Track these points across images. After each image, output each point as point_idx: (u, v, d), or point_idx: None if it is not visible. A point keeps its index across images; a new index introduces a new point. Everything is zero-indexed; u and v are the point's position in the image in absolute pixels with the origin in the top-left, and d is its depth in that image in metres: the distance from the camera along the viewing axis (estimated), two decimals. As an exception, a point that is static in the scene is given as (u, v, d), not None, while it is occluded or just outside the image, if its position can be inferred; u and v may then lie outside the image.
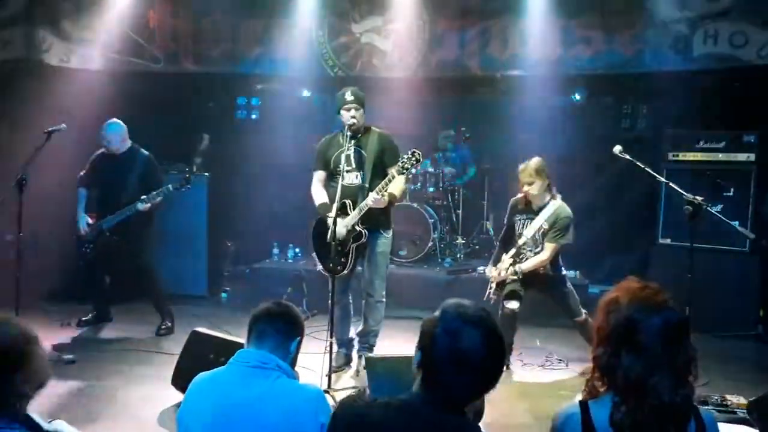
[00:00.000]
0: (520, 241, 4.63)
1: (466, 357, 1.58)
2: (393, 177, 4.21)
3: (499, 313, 4.68)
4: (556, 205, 4.55)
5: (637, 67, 6.10)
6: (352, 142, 4.40)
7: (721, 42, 5.80)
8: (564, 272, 4.76)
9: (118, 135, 5.34)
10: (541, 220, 4.54)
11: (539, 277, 4.63)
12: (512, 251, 4.67)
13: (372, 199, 4.21)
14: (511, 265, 4.61)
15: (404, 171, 4.18)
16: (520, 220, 4.68)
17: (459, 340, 1.58)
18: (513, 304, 4.58)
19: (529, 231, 4.57)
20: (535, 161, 4.54)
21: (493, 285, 4.67)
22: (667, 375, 1.63)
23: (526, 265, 4.55)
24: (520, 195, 4.70)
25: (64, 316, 5.71)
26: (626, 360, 1.65)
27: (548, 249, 4.52)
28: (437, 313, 1.66)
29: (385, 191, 4.23)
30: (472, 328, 1.60)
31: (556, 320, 5.45)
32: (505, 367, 4.70)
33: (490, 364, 1.62)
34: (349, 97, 4.38)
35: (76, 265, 5.65)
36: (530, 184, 4.52)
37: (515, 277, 4.56)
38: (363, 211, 4.29)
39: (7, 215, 4.73)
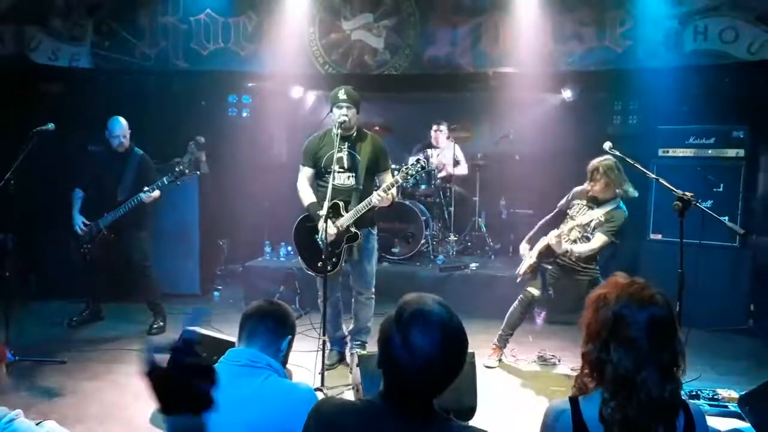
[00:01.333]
0: (572, 223, 4.58)
1: (419, 349, 1.53)
2: (397, 182, 4.26)
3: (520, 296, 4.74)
4: (617, 204, 4.53)
5: (628, 63, 6.11)
6: (346, 144, 4.40)
7: (712, 38, 5.82)
8: (598, 270, 4.72)
9: (125, 130, 5.35)
10: (601, 212, 4.51)
11: (574, 269, 4.64)
12: (560, 229, 4.60)
13: (377, 198, 4.23)
14: (562, 241, 4.55)
15: (408, 177, 4.25)
16: (578, 204, 4.64)
17: (412, 334, 1.55)
18: (534, 290, 4.66)
19: (584, 218, 4.55)
20: (605, 163, 4.47)
21: (527, 264, 4.66)
22: (655, 370, 1.64)
23: (579, 249, 4.49)
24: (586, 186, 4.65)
25: (54, 316, 5.68)
26: (615, 356, 1.66)
27: (599, 240, 4.47)
28: (395, 309, 1.64)
29: (392, 192, 4.29)
30: (425, 320, 1.56)
31: (548, 316, 5.47)
32: (497, 361, 4.75)
33: (446, 356, 1.56)
34: (342, 95, 4.35)
35: (69, 264, 5.62)
36: (596, 180, 4.49)
37: (564, 254, 4.55)
38: (360, 213, 4.30)
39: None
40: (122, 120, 5.36)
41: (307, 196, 4.49)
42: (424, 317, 1.57)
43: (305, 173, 4.55)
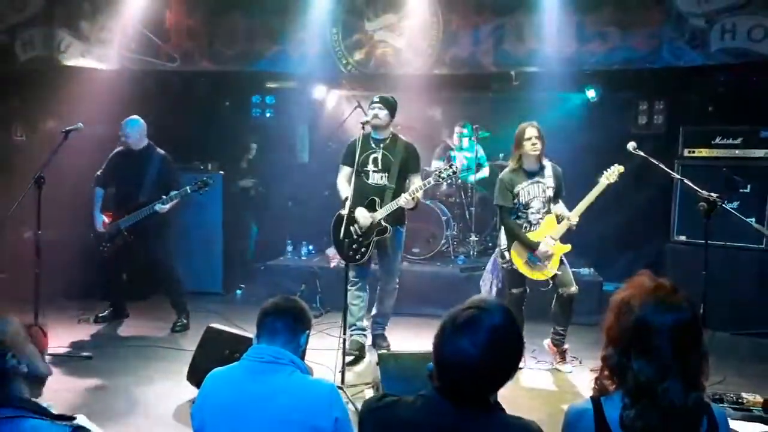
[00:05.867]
0: (536, 206, 4.63)
1: (465, 351, 1.57)
2: (429, 183, 4.70)
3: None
4: (551, 164, 4.70)
5: (653, 62, 6.03)
6: (381, 146, 4.79)
7: (739, 36, 5.72)
8: None
9: (136, 131, 5.42)
10: (549, 175, 4.64)
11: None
12: (539, 219, 4.66)
13: (405, 200, 4.60)
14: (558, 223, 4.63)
15: (441, 179, 4.67)
16: (524, 187, 4.63)
17: (462, 335, 1.58)
18: (515, 290, 4.71)
19: (541, 192, 4.63)
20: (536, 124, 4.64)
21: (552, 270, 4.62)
22: (679, 378, 1.60)
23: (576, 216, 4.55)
24: (510, 167, 4.72)
25: (81, 313, 5.80)
26: (636, 364, 1.63)
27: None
28: (454, 307, 1.67)
29: (417, 195, 4.63)
30: (477, 324, 1.58)
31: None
32: (523, 361, 4.73)
33: (492, 360, 1.59)
34: (375, 97, 4.81)
35: (94, 263, 5.73)
36: (540, 139, 4.57)
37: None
38: (392, 210, 4.63)
39: (25, 213, 4.82)
40: (135, 119, 5.40)
41: (346, 191, 4.70)
42: (476, 320, 1.59)
43: (344, 172, 4.87)
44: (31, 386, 1.84)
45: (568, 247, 4.61)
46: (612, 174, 4.45)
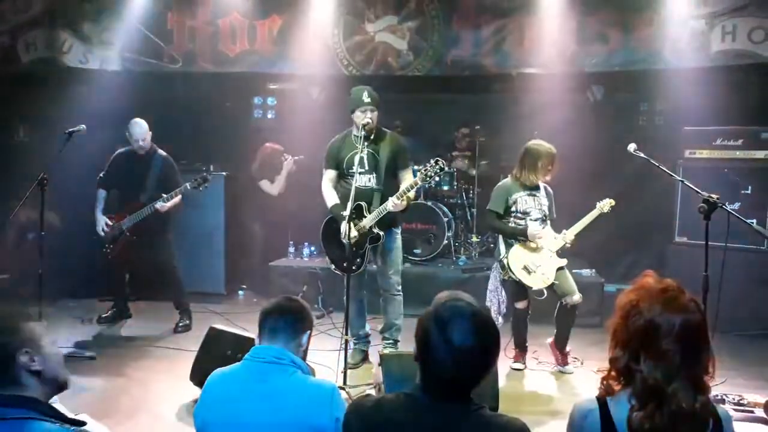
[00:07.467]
0: (535, 215, 4.63)
1: (456, 341, 1.62)
2: (416, 184, 4.29)
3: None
4: (544, 185, 4.76)
5: (654, 64, 6.05)
6: (366, 144, 4.44)
7: (740, 38, 5.73)
8: None
9: (146, 133, 5.39)
10: (542, 197, 4.68)
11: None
12: (537, 230, 4.63)
13: (392, 204, 4.27)
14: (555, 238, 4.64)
15: (428, 179, 4.23)
16: (522, 196, 4.64)
17: (449, 331, 1.63)
18: (520, 305, 4.69)
19: (538, 205, 4.64)
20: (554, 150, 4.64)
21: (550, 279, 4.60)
22: (687, 381, 1.61)
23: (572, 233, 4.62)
24: (510, 177, 4.74)
25: (84, 313, 5.82)
26: (645, 367, 1.63)
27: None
28: (432, 305, 1.72)
29: (406, 197, 4.30)
30: (461, 318, 1.65)
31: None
32: (523, 364, 4.74)
33: (480, 353, 1.65)
34: (366, 98, 4.42)
35: (97, 264, 5.75)
36: (554, 166, 4.63)
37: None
38: (382, 215, 4.35)
39: (29, 214, 4.83)
40: (142, 123, 5.39)
41: (331, 198, 4.57)
42: (460, 311, 1.67)
43: (328, 176, 4.64)
44: (47, 389, 1.80)
45: (564, 261, 4.63)
46: (605, 205, 4.67)
